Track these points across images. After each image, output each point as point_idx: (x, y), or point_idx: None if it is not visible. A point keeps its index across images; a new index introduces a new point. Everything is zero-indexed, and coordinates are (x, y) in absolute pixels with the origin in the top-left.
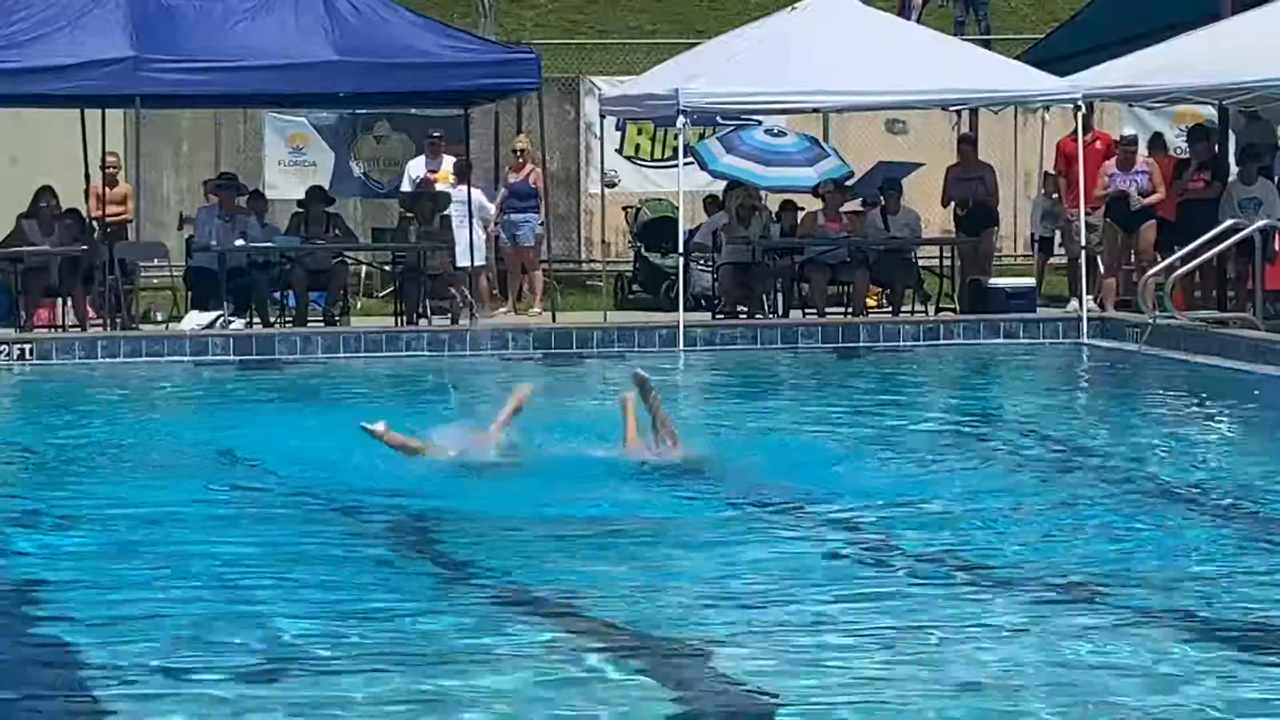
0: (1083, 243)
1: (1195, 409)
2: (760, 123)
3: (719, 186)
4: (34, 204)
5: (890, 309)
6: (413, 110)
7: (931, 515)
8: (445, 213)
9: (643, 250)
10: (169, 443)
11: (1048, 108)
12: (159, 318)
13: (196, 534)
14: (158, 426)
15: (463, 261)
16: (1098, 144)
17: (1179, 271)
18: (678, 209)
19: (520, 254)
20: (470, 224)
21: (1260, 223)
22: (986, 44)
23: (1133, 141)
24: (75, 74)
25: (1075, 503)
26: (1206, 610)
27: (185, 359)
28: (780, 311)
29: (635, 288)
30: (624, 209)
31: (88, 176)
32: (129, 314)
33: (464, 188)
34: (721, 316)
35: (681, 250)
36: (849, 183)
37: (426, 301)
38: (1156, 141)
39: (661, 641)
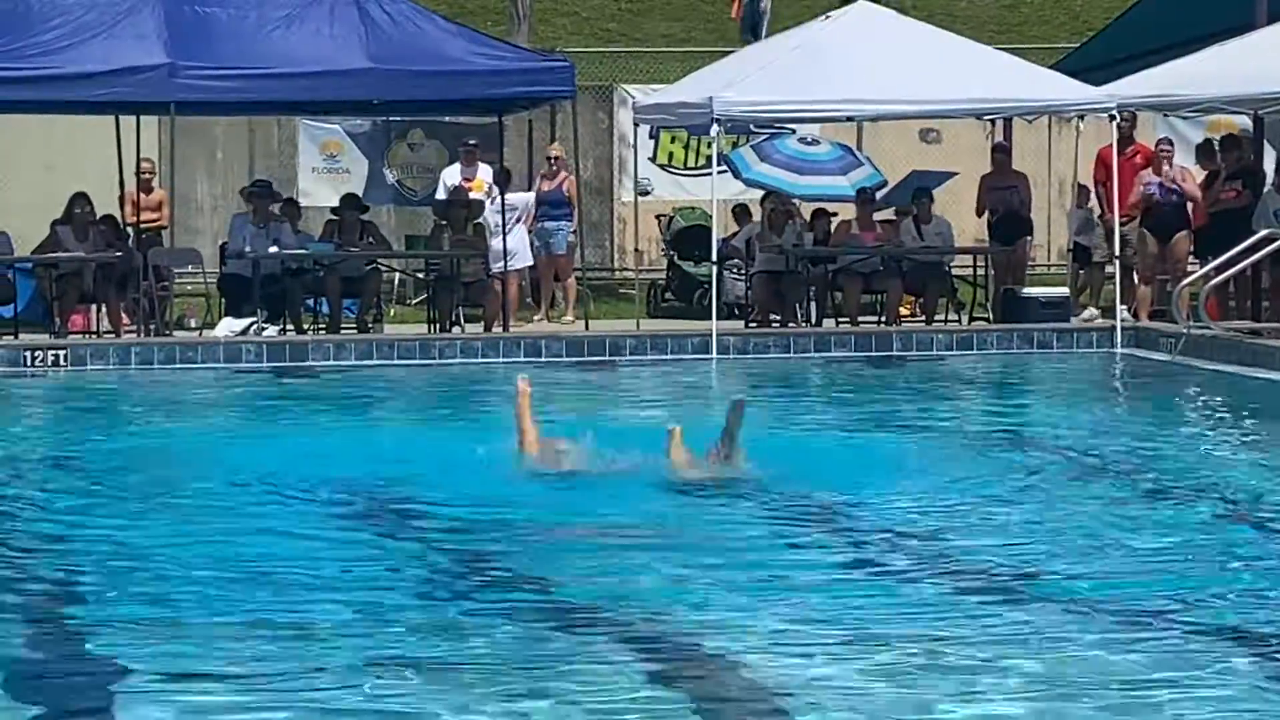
0: (1116, 252)
1: (1242, 420)
2: (794, 131)
3: (751, 195)
4: (68, 210)
5: (924, 318)
6: (447, 118)
7: (976, 526)
8: (479, 220)
9: (675, 258)
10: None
11: (1082, 117)
12: (193, 324)
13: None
14: (203, 432)
15: (495, 268)
16: (1138, 158)
17: (1213, 281)
18: (711, 217)
19: (553, 262)
20: (504, 228)
21: None
22: None
23: (1169, 143)
24: (110, 81)
25: (1134, 517)
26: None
27: (219, 366)
28: (813, 320)
29: (668, 296)
30: (657, 217)
31: (122, 183)
32: (163, 320)
33: (498, 196)
34: (754, 325)
35: (714, 258)
36: (881, 192)
37: (459, 309)
38: (1206, 149)
39: (703, 653)
